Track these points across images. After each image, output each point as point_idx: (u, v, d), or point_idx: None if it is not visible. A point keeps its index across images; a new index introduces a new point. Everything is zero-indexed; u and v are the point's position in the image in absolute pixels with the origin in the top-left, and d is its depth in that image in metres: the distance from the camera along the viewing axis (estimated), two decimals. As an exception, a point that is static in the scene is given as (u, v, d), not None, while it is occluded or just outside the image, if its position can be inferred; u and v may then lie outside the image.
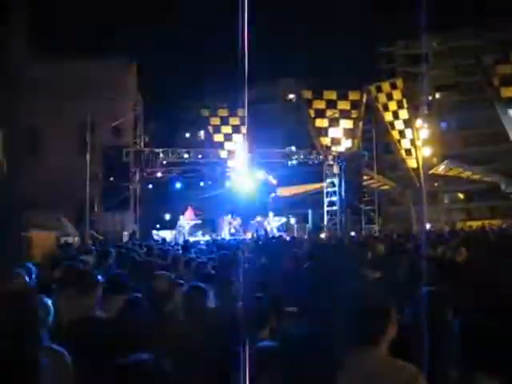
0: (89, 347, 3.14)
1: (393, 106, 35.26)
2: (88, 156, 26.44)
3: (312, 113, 34.07)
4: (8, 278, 4.64)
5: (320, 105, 33.90)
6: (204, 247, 11.84)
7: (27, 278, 5.13)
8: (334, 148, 32.31)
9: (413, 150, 35.33)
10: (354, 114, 33.90)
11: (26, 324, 2.49)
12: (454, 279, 4.76)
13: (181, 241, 21.68)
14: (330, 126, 33.64)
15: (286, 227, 30.76)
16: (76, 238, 22.58)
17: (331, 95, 33.90)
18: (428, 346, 2.84)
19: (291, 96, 64.38)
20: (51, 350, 2.92)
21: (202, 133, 44.12)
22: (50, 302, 3.34)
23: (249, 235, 25.84)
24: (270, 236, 23.37)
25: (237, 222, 28.72)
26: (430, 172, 37.12)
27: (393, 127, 35.66)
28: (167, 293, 4.31)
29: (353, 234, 26.81)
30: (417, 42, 65.07)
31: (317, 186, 36.47)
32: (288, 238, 20.11)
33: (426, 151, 35.22)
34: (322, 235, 27.90)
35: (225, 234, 27.44)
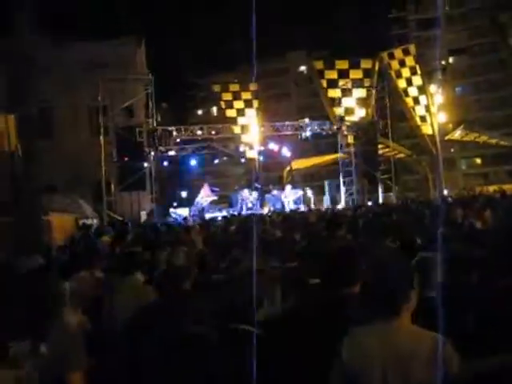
0: None
1: (406, 72, 34.67)
2: (102, 137, 26.53)
3: (324, 83, 33.66)
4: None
5: (332, 75, 33.46)
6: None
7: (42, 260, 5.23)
8: (347, 118, 31.98)
9: (428, 117, 34.83)
10: (367, 82, 33.43)
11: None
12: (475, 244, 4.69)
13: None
14: (343, 95, 33.26)
15: (302, 200, 30.71)
16: (94, 220, 22.77)
17: (343, 65, 33.42)
18: (451, 314, 2.77)
19: (302, 68, 63.77)
20: None
21: (214, 109, 43.93)
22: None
23: (266, 209, 25.87)
24: (288, 209, 23.35)
25: (253, 196, 28.74)
26: (446, 138, 36.64)
27: (406, 94, 35.12)
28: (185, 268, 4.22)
29: (370, 203, 26.67)
30: (427, 6, 63.90)
31: (332, 156, 36.26)
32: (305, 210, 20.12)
33: (442, 117, 34.72)
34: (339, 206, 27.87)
35: (242, 208, 27.47)
